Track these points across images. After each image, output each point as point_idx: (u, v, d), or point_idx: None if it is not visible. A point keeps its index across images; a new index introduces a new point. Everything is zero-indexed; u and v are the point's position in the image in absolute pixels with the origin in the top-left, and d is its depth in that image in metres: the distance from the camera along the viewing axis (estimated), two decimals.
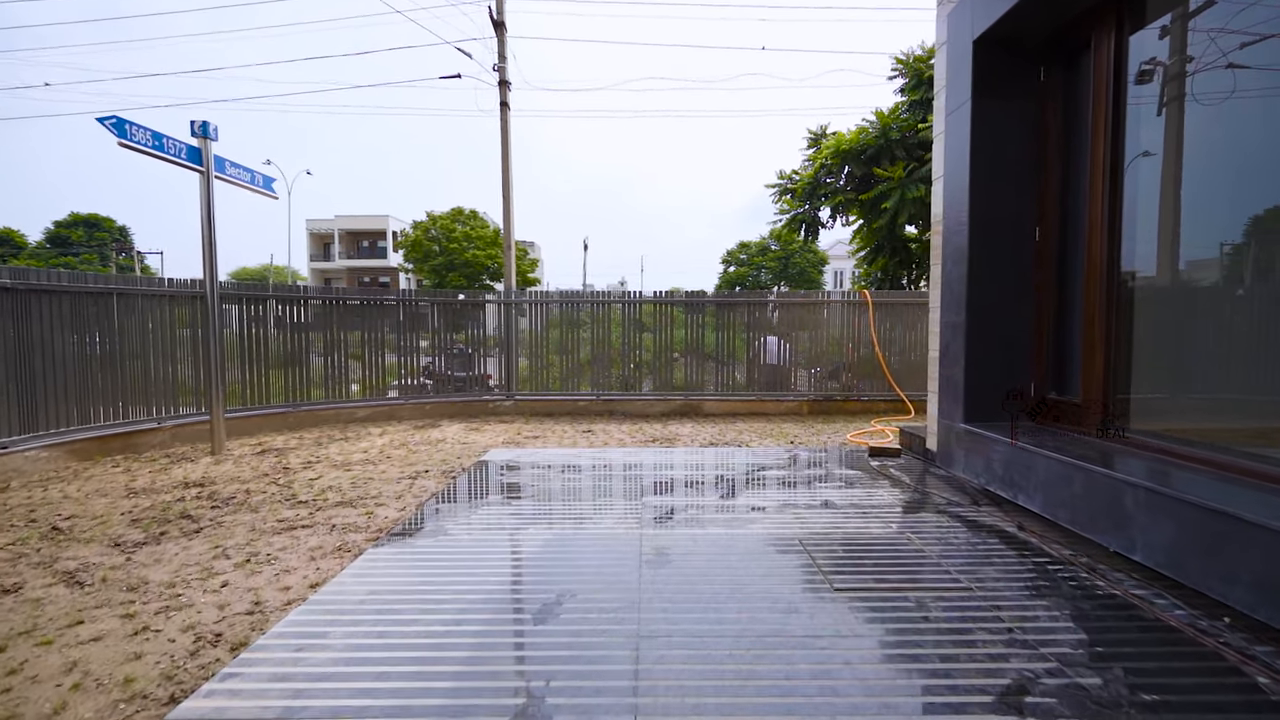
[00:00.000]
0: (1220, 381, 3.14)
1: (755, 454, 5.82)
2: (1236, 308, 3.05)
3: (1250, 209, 2.91)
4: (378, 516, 4.02)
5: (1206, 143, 3.11)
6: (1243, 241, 2.94)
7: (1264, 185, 2.81)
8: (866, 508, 4.07)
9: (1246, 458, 2.78)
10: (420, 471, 5.26)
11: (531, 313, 8.83)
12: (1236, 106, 2.93)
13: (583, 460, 5.57)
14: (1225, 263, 3.07)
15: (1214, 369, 3.19)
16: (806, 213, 16.90)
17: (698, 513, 3.99)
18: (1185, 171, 3.23)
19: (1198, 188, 3.15)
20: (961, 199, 4.28)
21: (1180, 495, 2.56)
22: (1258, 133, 2.87)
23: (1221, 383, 3.14)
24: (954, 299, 4.39)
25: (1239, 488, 2.61)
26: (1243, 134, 2.95)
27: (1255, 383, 2.93)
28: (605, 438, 6.94)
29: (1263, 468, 2.65)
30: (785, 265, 46.14)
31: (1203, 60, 3.09)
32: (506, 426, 7.71)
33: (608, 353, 8.80)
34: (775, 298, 9.04)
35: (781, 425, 7.83)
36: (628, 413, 8.69)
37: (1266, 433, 2.87)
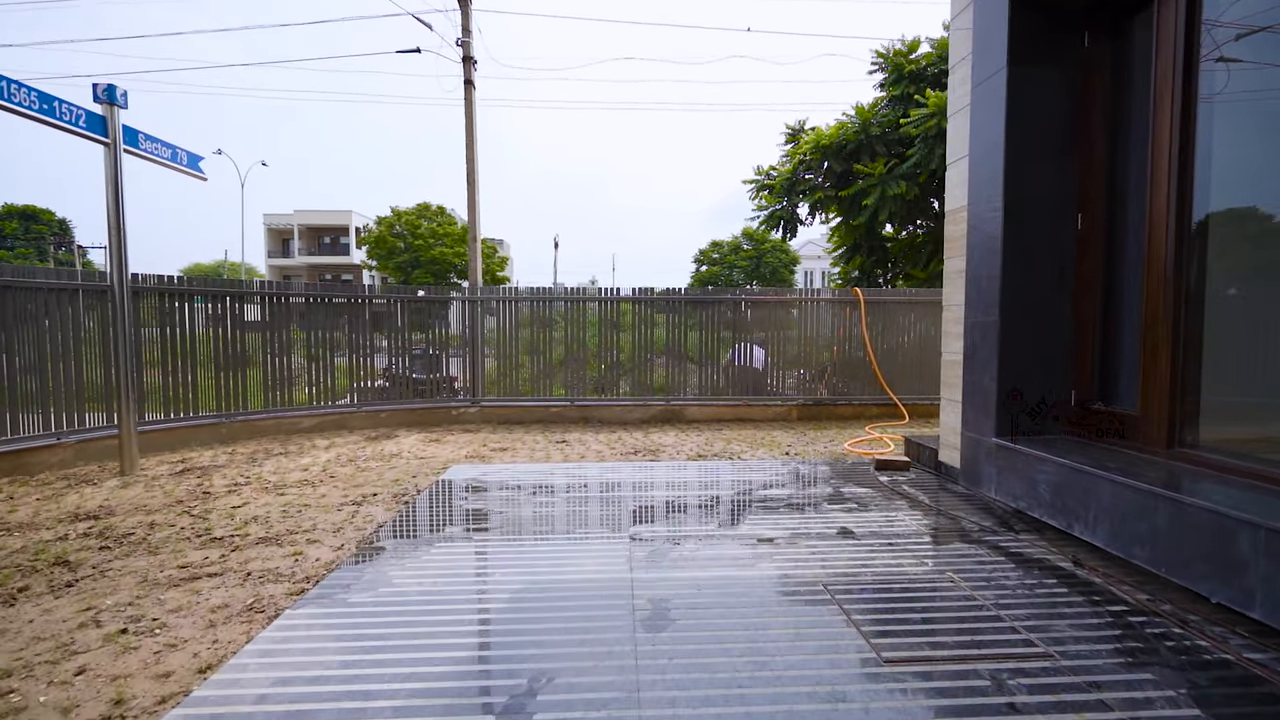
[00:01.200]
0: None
1: (750, 468, 5.23)
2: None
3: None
4: (307, 559, 3.29)
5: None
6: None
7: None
8: (890, 537, 3.51)
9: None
10: (367, 495, 4.51)
11: (500, 311, 8.10)
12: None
13: (557, 478, 4.90)
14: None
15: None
16: (785, 209, 16.47)
17: (697, 547, 3.36)
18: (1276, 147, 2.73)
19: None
20: (994, 181, 3.75)
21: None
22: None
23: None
24: (984, 295, 3.86)
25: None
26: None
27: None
28: (581, 449, 6.27)
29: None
30: (757, 265, 46.01)
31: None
32: (471, 437, 6.97)
33: (582, 355, 8.13)
34: (763, 295, 8.49)
35: (771, 432, 7.27)
36: (605, 420, 8.03)
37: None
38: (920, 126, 12.42)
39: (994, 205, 3.75)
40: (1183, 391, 3.05)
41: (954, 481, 4.69)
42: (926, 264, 15.25)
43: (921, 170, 12.89)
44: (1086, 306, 3.66)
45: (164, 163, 5.62)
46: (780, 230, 16.79)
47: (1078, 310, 3.72)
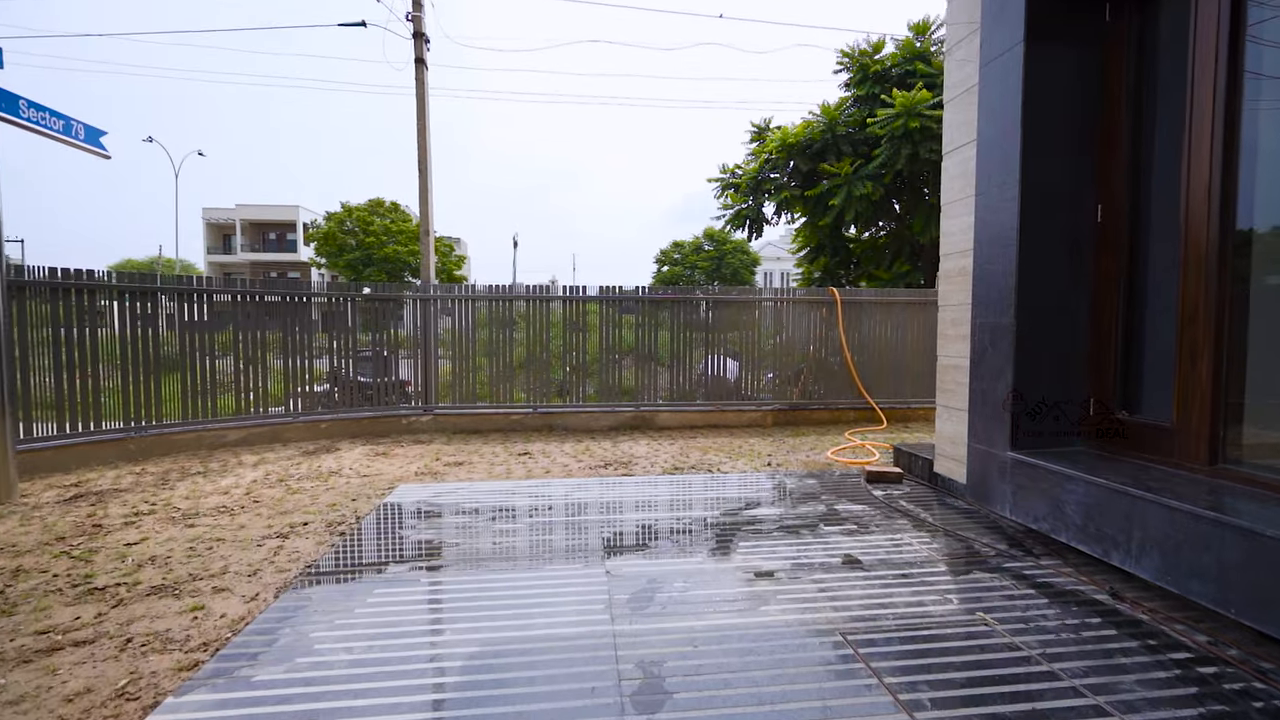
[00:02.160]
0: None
1: (733, 483, 4.78)
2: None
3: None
4: (209, 616, 2.66)
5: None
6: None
7: None
8: (902, 566, 3.10)
9: None
10: (295, 525, 3.86)
11: (456, 311, 7.45)
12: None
13: (520, 499, 4.34)
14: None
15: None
16: (751, 208, 16.25)
17: (685, 585, 2.87)
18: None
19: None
20: (1008, 169, 3.39)
21: None
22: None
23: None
24: (995, 295, 3.50)
25: None
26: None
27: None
28: (547, 462, 5.72)
29: None
30: (719, 265, 46.09)
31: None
32: (423, 449, 6.32)
33: (545, 358, 7.56)
34: (740, 294, 8.09)
35: (747, 440, 6.86)
36: (570, 427, 7.48)
37: None
38: (887, 127, 12.31)
39: (1008, 195, 3.39)
40: (1226, 401, 2.73)
41: (953, 495, 4.35)
42: (890, 265, 15.24)
43: (887, 171, 12.79)
44: (1107, 306, 3.34)
45: (55, 135, 4.80)
46: (746, 230, 16.56)
47: (1097, 310, 3.40)
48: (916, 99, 12.22)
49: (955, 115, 4.27)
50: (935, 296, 8.28)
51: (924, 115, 12.16)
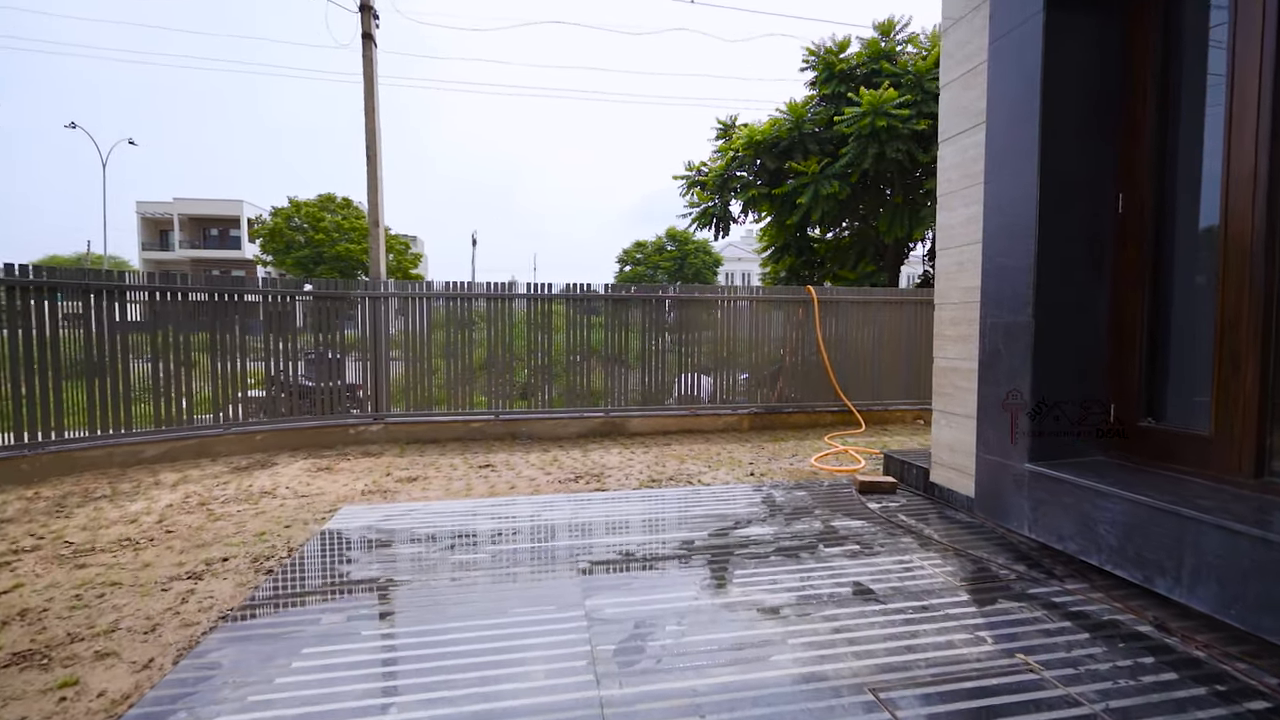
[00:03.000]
0: None
1: (717, 498, 4.39)
2: None
3: None
4: (83, 695, 2.09)
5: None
6: None
7: None
8: (920, 596, 2.75)
9: None
10: (214, 562, 3.27)
11: (411, 310, 6.85)
12: None
13: (482, 521, 3.84)
14: None
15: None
16: (717, 206, 15.98)
17: (681, 629, 2.45)
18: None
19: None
20: (1025, 154, 3.09)
21: None
22: None
23: None
24: (1010, 291, 3.20)
25: None
26: None
27: None
28: (511, 476, 5.21)
29: None
30: (681, 266, 46.03)
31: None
32: (372, 462, 5.72)
33: (508, 360, 7.03)
34: (717, 292, 7.73)
35: (725, 446, 6.50)
36: (536, 435, 6.98)
37: None
38: (853, 125, 12.19)
39: (1025, 182, 3.09)
40: (1274, 409, 2.47)
41: (953, 507, 4.06)
42: (855, 265, 15.20)
43: (853, 170, 12.69)
44: (1129, 305, 3.08)
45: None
46: (713, 228, 16.29)
47: (1117, 309, 3.13)
48: (883, 98, 12.12)
49: (954, 100, 3.98)
50: (912, 296, 8.14)
51: (891, 114, 12.08)
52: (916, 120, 12.00)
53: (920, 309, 7.96)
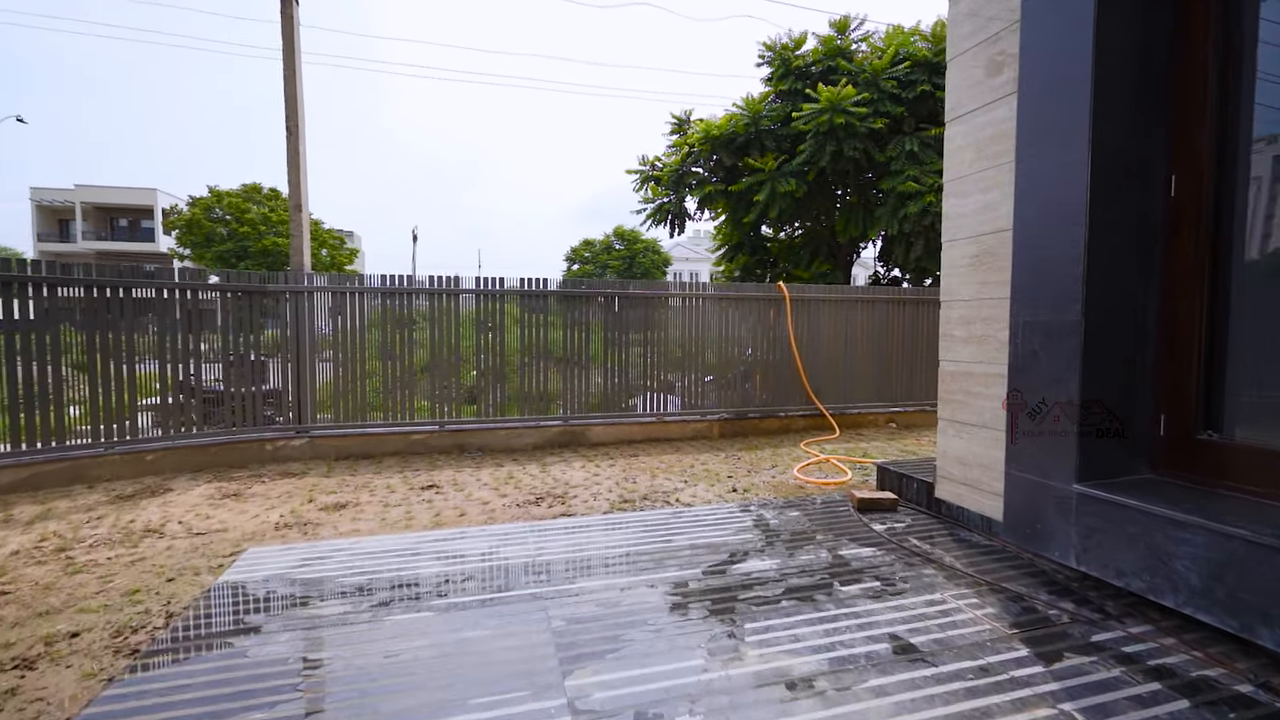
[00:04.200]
0: None
1: (702, 521, 3.83)
2: None
3: None
4: None
5: None
6: None
7: None
8: (972, 653, 2.27)
9: None
10: (57, 639, 2.45)
11: (343, 307, 5.99)
12: None
13: (426, 563, 3.13)
14: None
15: None
16: (673, 202, 15.53)
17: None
18: None
19: None
20: (1072, 128, 2.67)
21: None
22: None
23: None
24: (1052, 286, 2.78)
25: None
26: None
27: None
28: (460, 499, 4.49)
29: None
30: (630, 264, 45.63)
31: None
32: (292, 485, 4.87)
33: (453, 362, 6.27)
34: (685, 290, 7.18)
35: (697, 456, 5.97)
36: (487, 447, 6.25)
37: None
38: (811, 122, 11.96)
39: (1073, 160, 2.67)
40: None
41: (964, 527, 3.65)
42: (809, 264, 15.06)
43: (810, 168, 12.48)
44: (1184, 303, 2.70)
45: None
46: (668, 225, 15.82)
47: (1170, 307, 2.76)
48: (842, 95, 11.93)
49: (967, 72, 3.56)
50: (884, 295, 7.84)
51: (849, 112, 11.90)
52: (873, 119, 11.87)
53: (892, 308, 7.68)
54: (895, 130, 12.46)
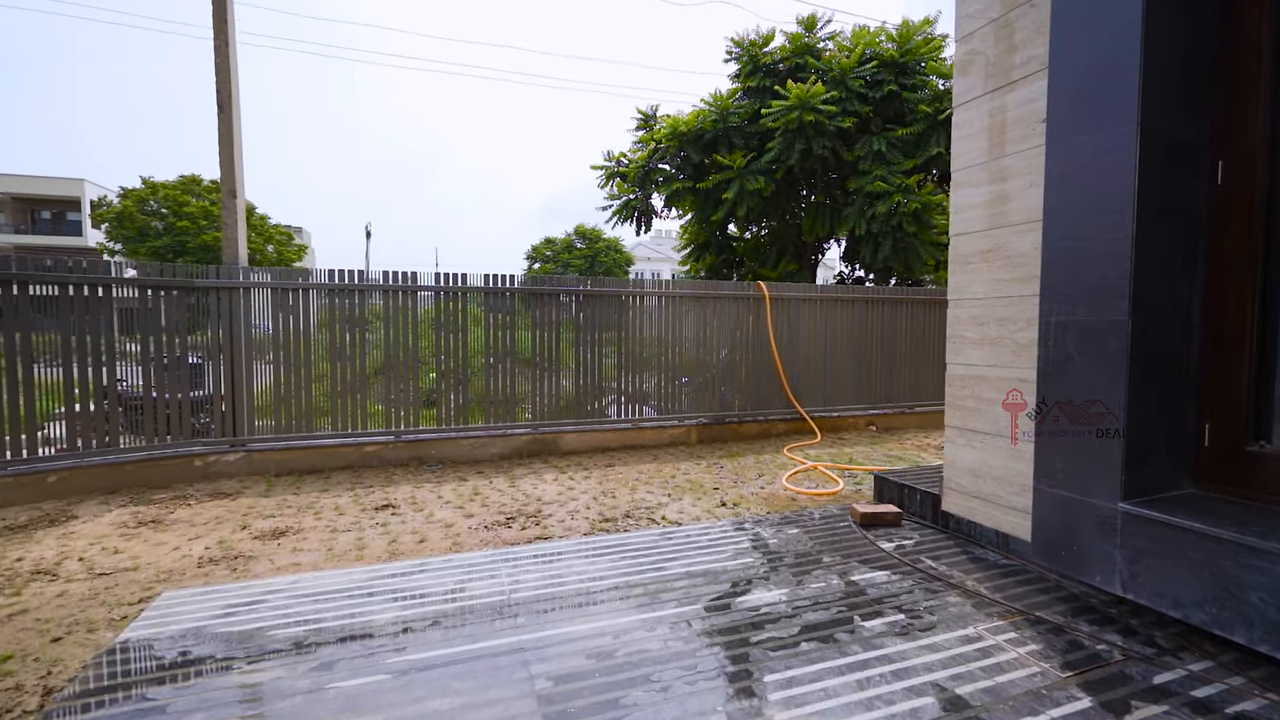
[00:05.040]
0: None
1: (695, 543, 3.45)
2: None
3: None
4: None
5: None
6: None
7: None
8: (1030, 705, 1.95)
9: None
10: None
11: (289, 305, 5.38)
12: None
13: (379, 607, 2.66)
14: None
15: None
16: (639, 199, 15.16)
17: None
18: None
19: None
20: (1116, 106, 2.40)
21: None
22: None
23: None
24: (1090, 282, 2.51)
25: None
26: None
27: None
28: (419, 521, 4.00)
29: None
30: (592, 264, 45.14)
31: None
32: (224, 509, 4.28)
33: (410, 366, 5.73)
34: (663, 289, 6.81)
35: (677, 465, 5.60)
36: (449, 459, 5.73)
37: None
38: (780, 119, 11.77)
39: (1117, 142, 2.40)
40: None
41: (977, 543, 3.38)
42: (776, 264, 14.93)
43: (779, 166, 12.30)
44: (1234, 301, 2.47)
45: None
46: (635, 222, 15.44)
47: (1216, 306, 2.52)
48: (812, 92, 11.77)
49: (977, 52, 3.29)
50: (862, 294, 7.65)
51: (819, 110, 11.76)
52: (842, 118, 11.77)
53: (871, 308, 7.49)
54: (863, 130, 12.40)
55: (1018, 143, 3.11)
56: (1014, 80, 3.09)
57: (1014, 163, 3.13)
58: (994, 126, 3.24)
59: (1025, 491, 3.13)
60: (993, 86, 3.22)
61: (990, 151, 3.28)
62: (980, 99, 3.32)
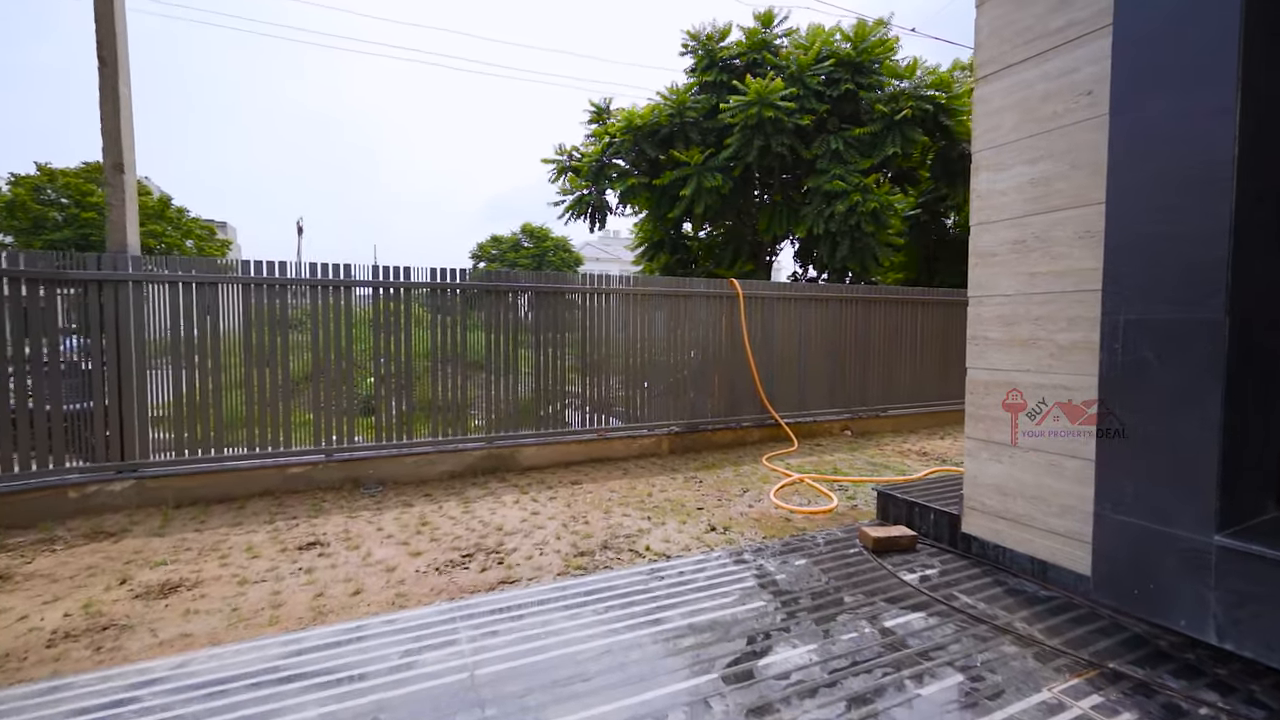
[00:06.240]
0: None
1: (692, 582, 2.92)
2: None
3: None
4: None
5: None
6: None
7: None
8: None
9: None
10: None
11: (197, 301, 4.52)
12: None
13: (297, 701, 1.99)
14: None
15: None
16: (593, 195, 14.56)
17: None
18: None
19: None
20: (1215, 67, 2.02)
21: None
22: None
23: None
24: (1174, 273, 2.13)
25: None
26: None
27: None
28: (353, 565, 3.30)
29: None
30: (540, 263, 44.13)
31: None
32: (102, 555, 3.44)
33: (345, 372, 4.96)
34: (632, 286, 6.24)
35: (651, 480, 5.06)
36: (391, 479, 4.99)
37: None
38: (739, 115, 11.46)
39: (1213, 107, 2.02)
40: None
41: (1006, 569, 3.00)
42: (732, 264, 14.65)
43: (737, 164, 12.00)
44: None
45: None
46: (588, 219, 14.83)
47: None
48: (771, 87, 11.49)
49: (1007, 17, 2.90)
50: (835, 293, 7.32)
51: (778, 106, 11.49)
52: (800, 115, 11.54)
53: (845, 307, 7.17)
54: (820, 129, 12.24)
55: (1054, 119, 2.74)
56: (1054, 46, 2.71)
57: (1048, 142, 2.76)
58: (1025, 101, 2.87)
59: (1066, 513, 2.76)
60: (1027, 54, 2.84)
61: (1019, 129, 2.90)
62: (1007, 70, 2.93)
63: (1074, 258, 2.69)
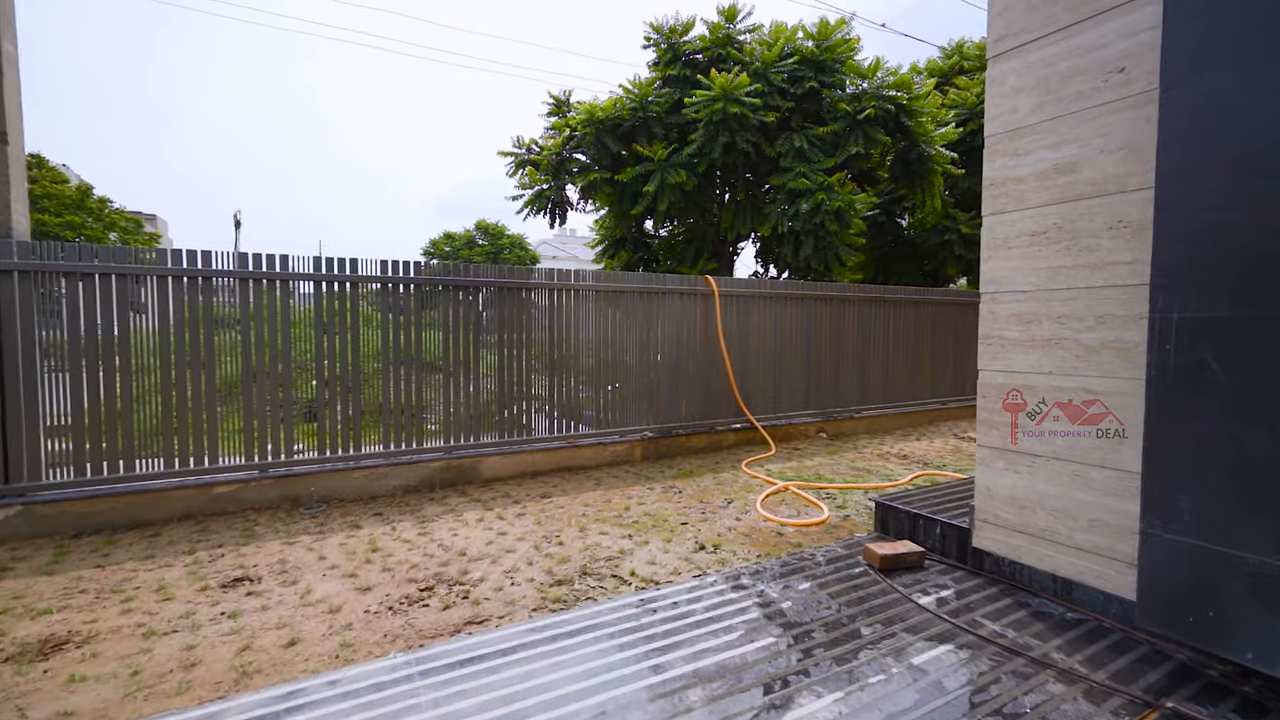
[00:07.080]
0: None
1: (688, 616, 2.56)
2: None
3: None
4: None
5: None
6: None
7: None
8: None
9: None
10: None
11: (99, 296, 3.88)
12: None
13: None
14: None
15: None
16: (553, 189, 14.08)
17: None
18: None
19: None
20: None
21: None
22: None
23: None
24: (1240, 267, 1.89)
25: None
26: None
27: None
28: (290, 607, 2.81)
29: None
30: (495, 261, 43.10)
31: None
32: None
33: (280, 376, 4.40)
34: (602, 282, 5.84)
35: (626, 491, 4.69)
36: (335, 496, 4.45)
37: None
38: (704, 110, 11.22)
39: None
40: None
41: (1025, 588, 2.77)
42: (695, 262, 14.43)
43: (701, 160, 11.77)
44: None
45: None
46: (548, 214, 14.34)
47: None
48: (736, 83, 11.29)
49: None
50: (811, 291, 7.11)
51: (743, 101, 11.29)
52: (765, 112, 11.38)
53: (820, 305, 6.97)
54: (784, 127, 12.12)
55: (1085, 97, 2.51)
56: (1082, 19, 2.48)
57: (1079, 123, 2.53)
58: (1046, 80, 2.63)
59: (1094, 527, 2.54)
60: (1048, 29, 2.60)
61: (1040, 111, 2.67)
62: (1026, 46, 2.70)
63: (1104, 250, 2.47)
